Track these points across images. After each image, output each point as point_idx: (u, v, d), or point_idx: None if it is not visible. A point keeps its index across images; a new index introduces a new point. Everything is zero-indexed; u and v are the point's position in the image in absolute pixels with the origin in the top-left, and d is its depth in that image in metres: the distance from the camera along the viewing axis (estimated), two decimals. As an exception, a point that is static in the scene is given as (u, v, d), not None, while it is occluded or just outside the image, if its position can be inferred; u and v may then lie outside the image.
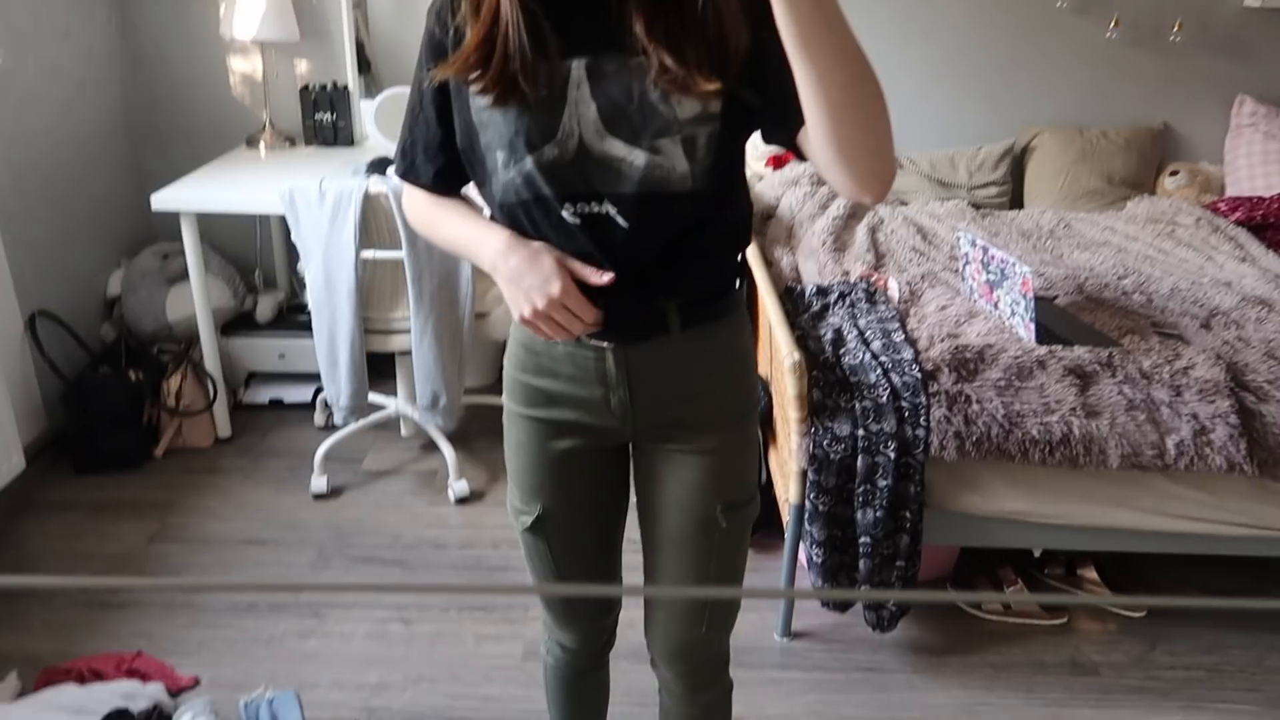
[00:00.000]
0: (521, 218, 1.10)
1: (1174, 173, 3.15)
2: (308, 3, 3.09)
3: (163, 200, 2.58)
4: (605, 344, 1.15)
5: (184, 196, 2.60)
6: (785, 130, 1.03)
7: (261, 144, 3.11)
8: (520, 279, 1.07)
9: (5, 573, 2.30)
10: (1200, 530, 2.01)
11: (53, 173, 2.80)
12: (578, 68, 1.02)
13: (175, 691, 1.91)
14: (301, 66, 3.19)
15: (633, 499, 1.32)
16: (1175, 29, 3.11)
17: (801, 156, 1.17)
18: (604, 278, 1.08)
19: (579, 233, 1.07)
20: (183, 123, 3.21)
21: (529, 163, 1.05)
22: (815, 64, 0.86)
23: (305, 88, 3.11)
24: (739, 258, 1.21)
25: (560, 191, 1.06)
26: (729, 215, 1.14)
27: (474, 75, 1.03)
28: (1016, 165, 3.20)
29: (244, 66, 3.17)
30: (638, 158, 1.03)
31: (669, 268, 1.11)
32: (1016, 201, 3.21)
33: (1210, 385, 1.96)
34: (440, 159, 1.16)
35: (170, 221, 2.72)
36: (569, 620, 1.39)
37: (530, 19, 1.00)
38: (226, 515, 2.57)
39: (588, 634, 1.41)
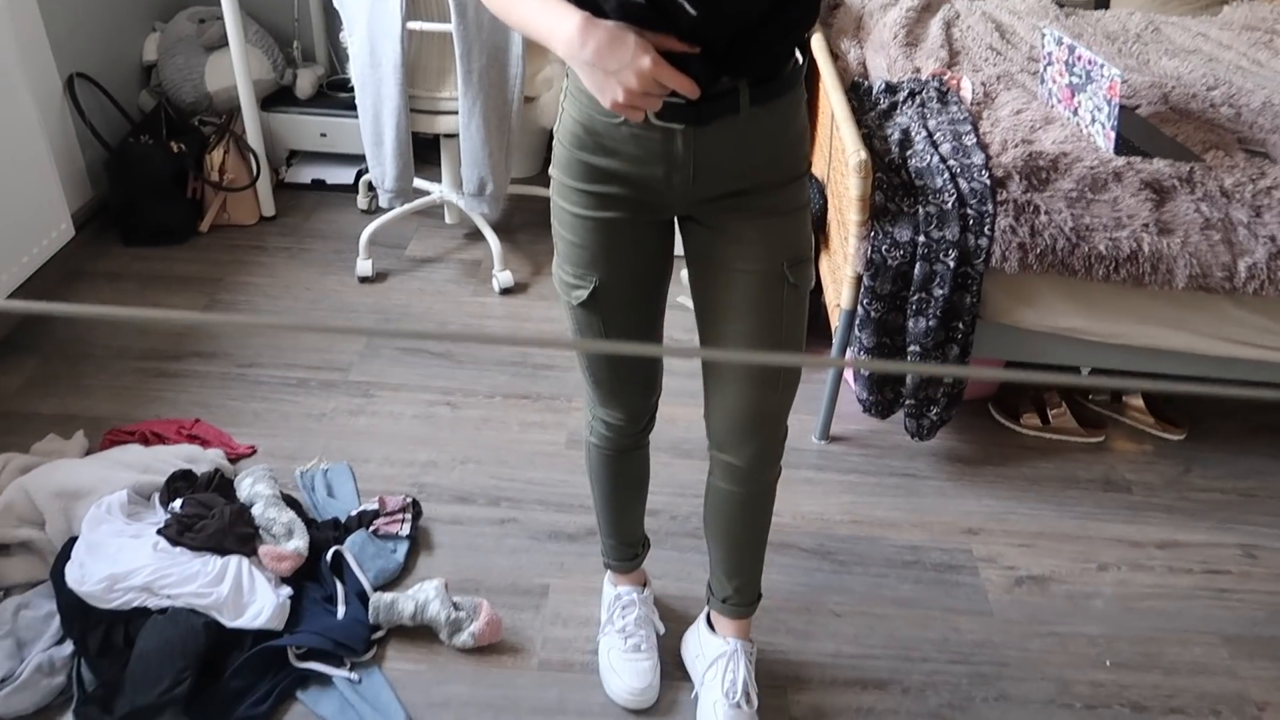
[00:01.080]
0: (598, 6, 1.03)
1: (1281, -26, 2.89)
2: None
3: (197, -41, 2.45)
4: (677, 126, 1.12)
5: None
6: None
7: None
8: (605, 61, 1.00)
9: (61, 338, 2.36)
10: (1255, 357, 1.98)
11: (80, -76, 2.65)
12: None
13: (233, 458, 1.99)
14: None
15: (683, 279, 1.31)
16: None
17: None
18: (690, 47, 1.02)
19: (648, 11, 1.01)
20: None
21: None
22: None
23: None
24: (804, 37, 1.18)
25: None
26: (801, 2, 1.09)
27: None
28: (1109, -41, 2.95)
29: None
30: None
31: (739, 50, 1.07)
32: (1103, 2, 2.98)
33: (1294, 207, 1.87)
34: None
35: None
36: (615, 396, 1.41)
37: None
38: (275, 294, 2.59)
39: (631, 411, 1.43)
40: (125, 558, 1.62)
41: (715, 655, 1.56)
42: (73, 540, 1.67)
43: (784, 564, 1.88)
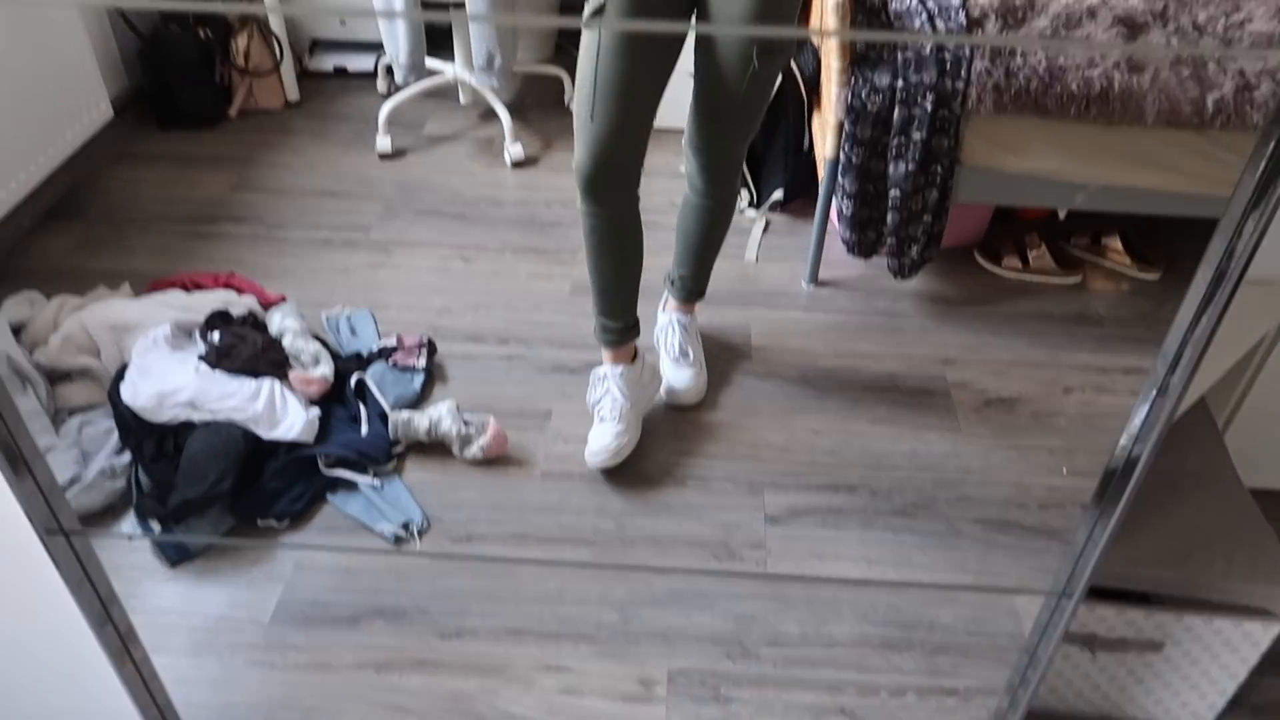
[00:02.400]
0: None
1: None
2: None
3: None
4: None
5: None
6: None
7: None
8: None
9: (106, 204, 2.54)
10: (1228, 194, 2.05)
11: None
12: None
13: (266, 305, 2.18)
14: None
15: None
16: None
17: None
18: None
19: None
20: None
21: None
22: None
23: None
24: None
25: None
26: None
27: None
28: None
29: None
30: None
31: None
32: None
33: (1264, 39, 1.93)
34: None
35: None
36: (605, 118, 1.56)
37: None
38: (300, 170, 2.75)
39: (618, 134, 1.58)
40: (172, 379, 1.82)
41: (661, 326, 2.05)
42: (124, 367, 1.87)
43: (767, 391, 2.04)
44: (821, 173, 2.18)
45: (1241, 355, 1.62)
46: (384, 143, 2.80)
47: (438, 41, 2.97)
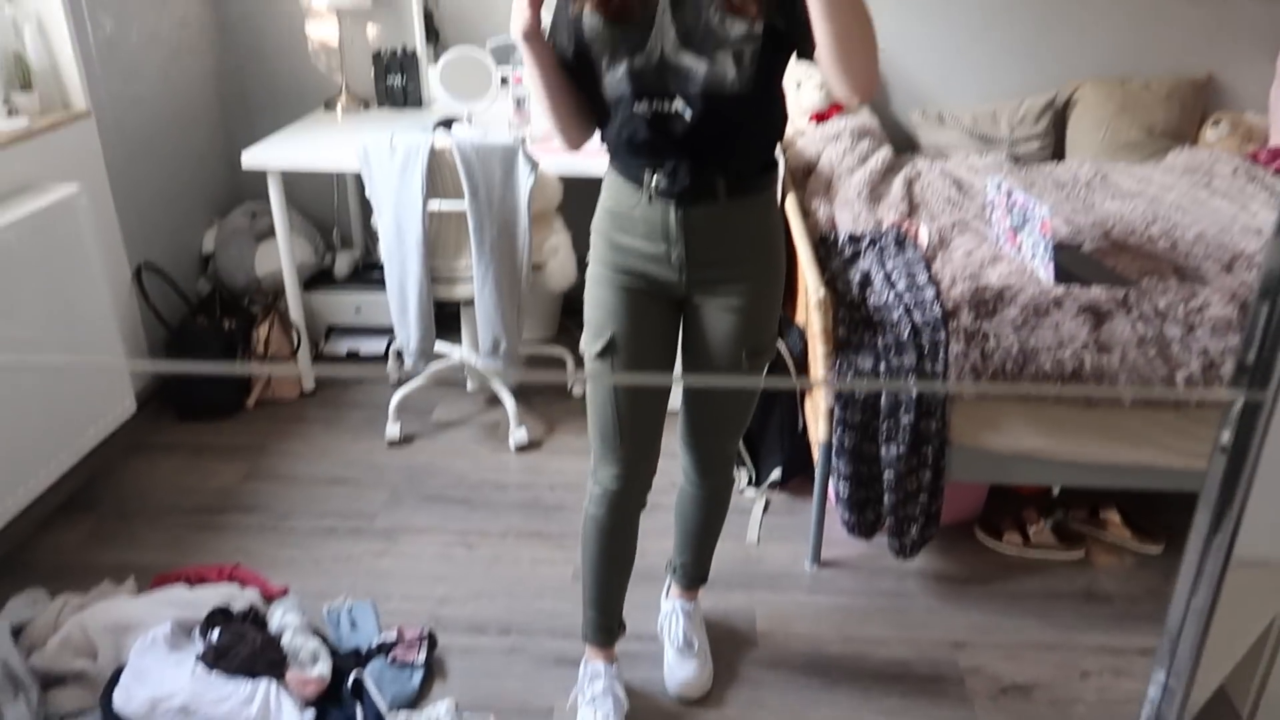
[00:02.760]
0: (621, 107, 1.49)
1: (1216, 122, 3.17)
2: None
3: (252, 157, 2.83)
4: (670, 202, 1.54)
5: (270, 154, 2.85)
6: (806, 46, 1.37)
7: (338, 107, 3.34)
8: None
9: (113, 508, 2.59)
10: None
11: (152, 134, 3.08)
12: (664, 2, 1.43)
13: (269, 598, 2.17)
14: (374, 32, 3.40)
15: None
16: (1222, -23, 3.12)
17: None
18: None
19: (650, 125, 1.48)
20: (266, 88, 3.47)
21: (623, 68, 1.45)
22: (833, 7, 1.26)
23: (377, 53, 3.33)
24: (774, 151, 1.61)
25: (641, 89, 1.46)
26: (767, 116, 1.54)
27: (596, 7, 1.45)
28: (1058, 118, 3.26)
29: (321, 33, 3.39)
30: (700, 66, 1.43)
31: (721, 151, 1.50)
32: (1058, 154, 3.27)
33: (1223, 322, 2.05)
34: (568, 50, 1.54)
35: (257, 182, 2.97)
36: (618, 449, 1.68)
37: None
38: (311, 458, 2.83)
39: (630, 466, 1.70)
40: (167, 683, 1.79)
41: (665, 614, 2.05)
42: (120, 670, 1.85)
43: (774, 682, 1.99)
44: (816, 455, 2.25)
45: (1254, 640, 1.60)
46: (393, 430, 2.90)
47: (446, 324, 3.16)
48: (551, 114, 1.55)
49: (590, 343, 1.66)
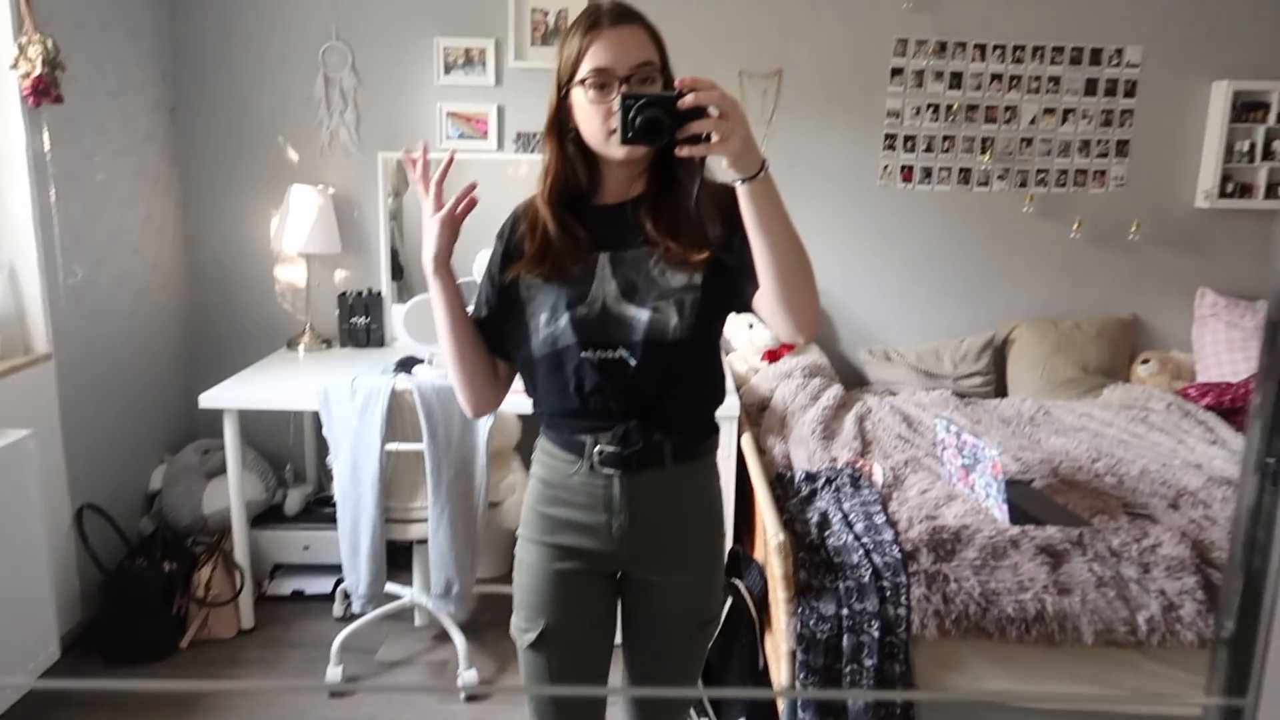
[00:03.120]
0: (558, 361, 1.45)
1: (1145, 361, 3.35)
2: (350, 218, 3.45)
3: (210, 399, 2.83)
4: (614, 472, 1.47)
5: (228, 395, 2.85)
6: (746, 293, 1.39)
7: (300, 346, 3.39)
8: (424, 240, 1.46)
9: (33, 760, 2.38)
10: (1181, 712, 2.06)
11: (111, 374, 3.08)
12: (604, 257, 1.45)
13: None
14: (340, 275, 3.52)
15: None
16: (1133, 228, 3.39)
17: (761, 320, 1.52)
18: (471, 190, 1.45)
19: (598, 370, 1.43)
20: (231, 328, 3.53)
21: (565, 319, 1.44)
22: (768, 238, 1.27)
23: (343, 294, 3.43)
24: (714, 412, 1.56)
25: (586, 340, 1.43)
26: (708, 369, 1.52)
27: (530, 269, 1.46)
28: (998, 356, 3.41)
29: (290, 276, 3.51)
30: (643, 314, 1.43)
31: (665, 404, 1.46)
32: (1000, 390, 3.40)
33: (1177, 562, 2.07)
34: (485, 314, 1.55)
35: (211, 419, 2.96)
36: None
37: (564, 233, 1.45)
38: (245, 712, 2.65)
39: None
40: None
41: None
42: None
43: None
44: (780, 705, 2.16)
45: None
46: (335, 673, 2.75)
47: (397, 561, 3.07)
48: (457, 363, 1.50)
49: (522, 630, 1.54)
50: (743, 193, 1.24)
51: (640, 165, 1.45)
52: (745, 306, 1.43)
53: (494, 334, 1.53)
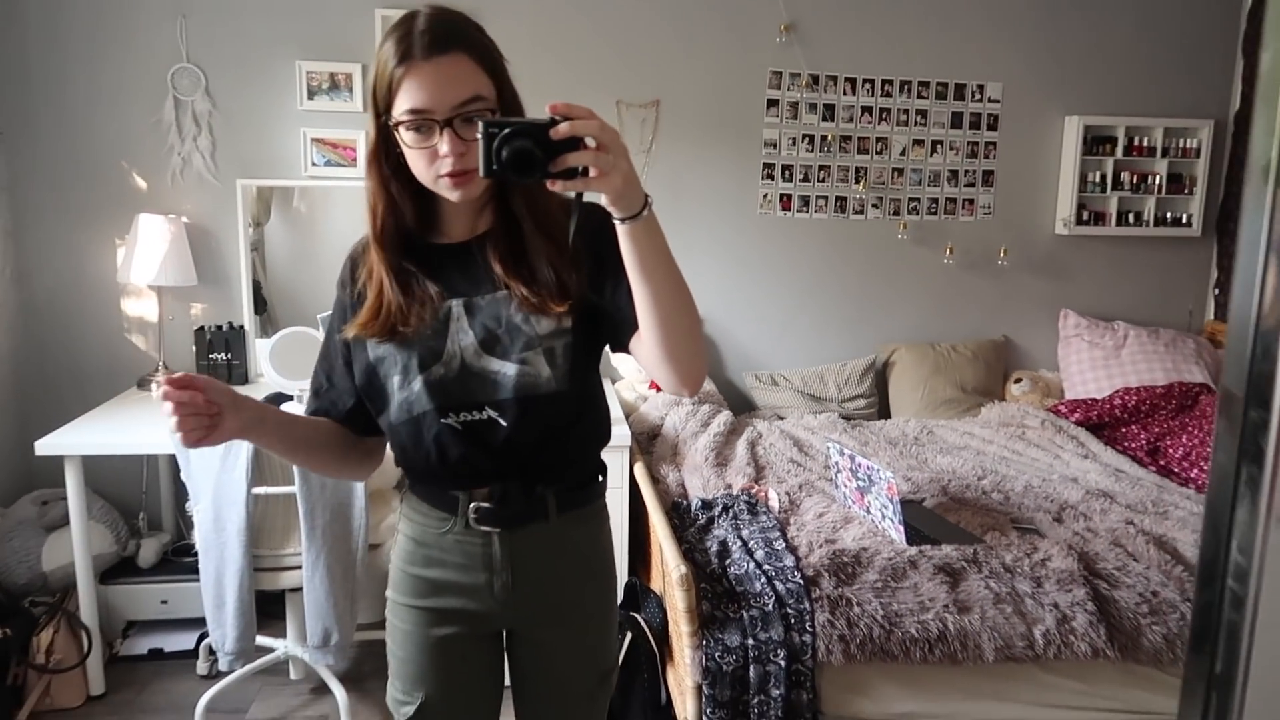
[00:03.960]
0: (415, 429, 1.28)
1: (1018, 380, 3.47)
2: (206, 248, 3.22)
3: (47, 446, 2.56)
4: (493, 529, 1.31)
5: (69, 441, 2.59)
6: (622, 337, 1.26)
7: (153, 385, 3.13)
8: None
9: None
10: None
11: (-71, 425, 2.76)
12: (456, 306, 1.27)
13: None
14: (198, 308, 3.28)
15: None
16: (1002, 254, 3.52)
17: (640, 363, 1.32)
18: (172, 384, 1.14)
19: (464, 436, 1.26)
20: (72, 367, 3.23)
21: (419, 382, 1.25)
22: (652, 284, 1.12)
23: (201, 329, 3.20)
24: (599, 453, 1.42)
25: (446, 403, 1.25)
26: (590, 415, 1.35)
27: (369, 331, 1.27)
28: (880, 378, 3.47)
29: (139, 310, 3.24)
30: (509, 369, 1.25)
31: (546, 459, 1.30)
32: (884, 411, 3.46)
33: (1066, 575, 2.11)
34: (351, 400, 1.35)
35: (51, 467, 2.68)
36: None
37: (405, 282, 1.27)
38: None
39: None
40: None
41: None
42: None
43: None
44: (686, 740, 2.08)
45: None
46: (199, 741, 2.52)
47: (267, 611, 2.85)
48: (320, 470, 1.36)
49: (399, 701, 1.39)
50: (623, 233, 1.08)
51: (484, 197, 1.27)
52: (621, 348, 1.28)
53: (355, 412, 1.34)
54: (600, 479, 1.42)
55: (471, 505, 1.30)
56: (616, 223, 1.08)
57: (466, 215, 1.30)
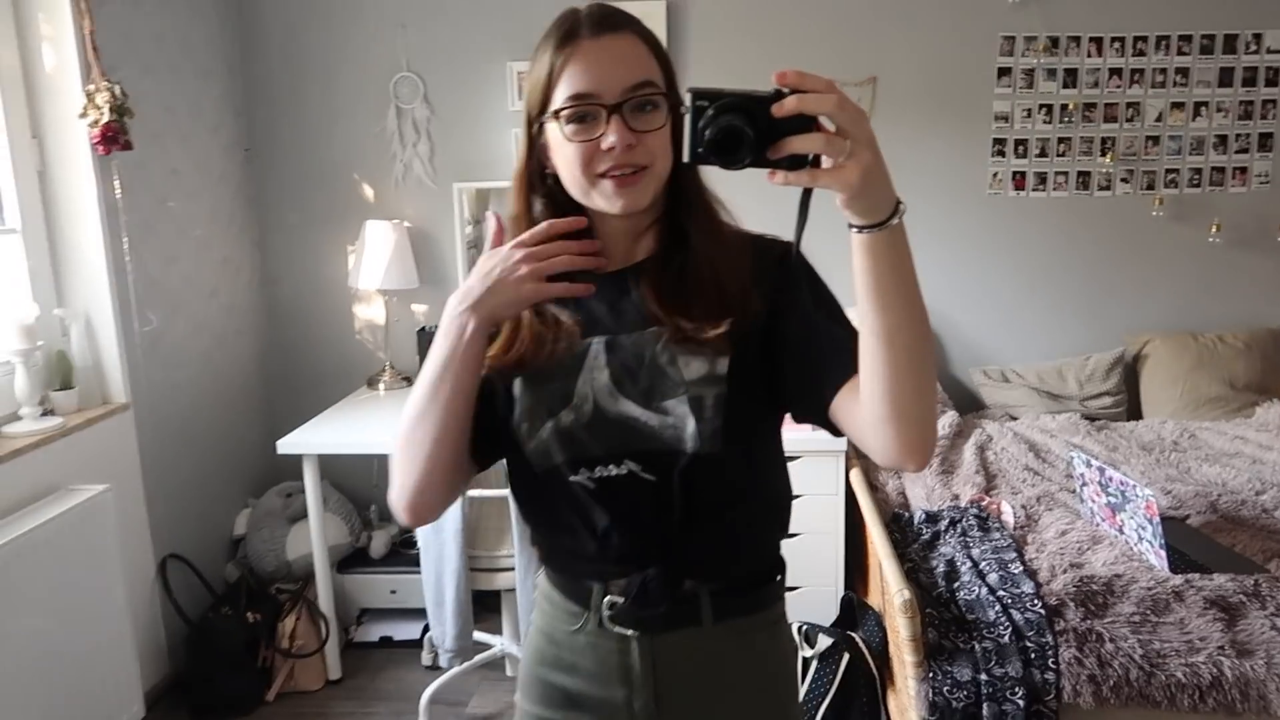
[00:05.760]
0: (542, 489, 1.07)
1: (1304, 374, 3.00)
2: (426, 251, 3.34)
3: (288, 444, 2.73)
4: (630, 632, 1.07)
5: (307, 440, 2.75)
6: (815, 398, 1.01)
7: (381, 384, 3.29)
8: (481, 283, 0.99)
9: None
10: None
11: (190, 421, 3.02)
12: (597, 344, 1.06)
13: None
14: (419, 310, 3.41)
15: None
16: (1281, 229, 3.05)
17: (835, 431, 1.03)
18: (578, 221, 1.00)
19: (597, 499, 1.04)
20: (311, 367, 3.45)
21: (548, 429, 1.04)
22: (888, 317, 0.87)
23: (422, 329, 3.32)
24: (777, 546, 1.14)
25: (576, 455, 1.04)
26: (759, 490, 1.10)
27: (499, 362, 1.05)
28: (1130, 374, 3.10)
29: (368, 313, 3.41)
30: (650, 418, 1.02)
31: (697, 544, 1.05)
32: (1134, 411, 3.09)
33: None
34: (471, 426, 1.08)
35: (293, 462, 2.86)
36: None
37: (542, 311, 1.06)
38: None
39: None
40: None
41: None
42: None
43: None
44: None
45: None
46: (424, 729, 2.61)
47: (488, 605, 2.92)
48: (429, 453, 1.03)
49: None
50: (859, 246, 0.85)
51: (648, 216, 1.06)
52: (820, 415, 1.01)
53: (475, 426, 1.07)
54: (778, 578, 1.14)
55: (606, 599, 1.06)
56: (853, 232, 0.84)
57: (623, 238, 1.08)
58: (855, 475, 2.53)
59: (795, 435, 1.46)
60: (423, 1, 3.20)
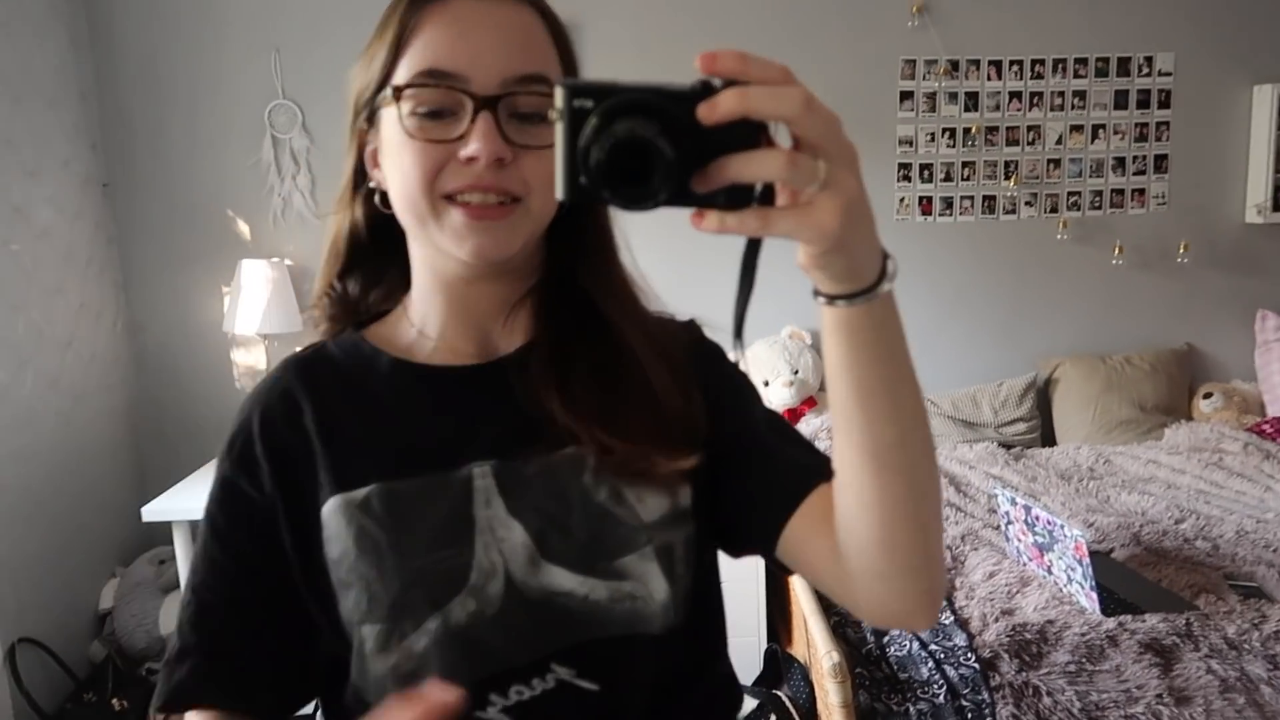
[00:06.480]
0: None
1: (1208, 395, 3.01)
2: (310, 291, 3.10)
3: (154, 512, 2.47)
4: None
5: (173, 506, 2.49)
6: (760, 527, 0.73)
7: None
8: None
9: None
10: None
11: (46, 489, 2.71)
12: (481, 476, 0.71)
13: None
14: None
15: None
16: (1182, 250, 3.07)
17: (784, 570, 0.76)
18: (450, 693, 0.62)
19: None
20: (187, 420, 3.16)
21: (424, 639, 0.68)
22: (877, 430, 0.61)
23: (309, 376, 3.08)
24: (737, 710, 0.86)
25: (483, 671, 0.69)
26: (717, 664, 0.82)
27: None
28: (1042, 398, 3.07)
29: (248, 359, 3.16)
30: (595, 589, 0.70)
31: None
32: (1048, 437, 3.06)
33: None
34: (268, 667, 0.74)
35: (166, 526, 2.60)
36: None
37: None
38: None
39: None
40: None
41: None
42: None
43: None
44: None
45: None
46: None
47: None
48: None
49: None
50: (837, 326, 0.59)
51: (519, 280, 0.77)
52: (759, 548, 0.75)
53: (272, 684, 0.74)
54: None
55: None
56: (822, 305, 0.58)
57: (489, 309, 0.76)
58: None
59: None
60: (298, 24, 2.99)
